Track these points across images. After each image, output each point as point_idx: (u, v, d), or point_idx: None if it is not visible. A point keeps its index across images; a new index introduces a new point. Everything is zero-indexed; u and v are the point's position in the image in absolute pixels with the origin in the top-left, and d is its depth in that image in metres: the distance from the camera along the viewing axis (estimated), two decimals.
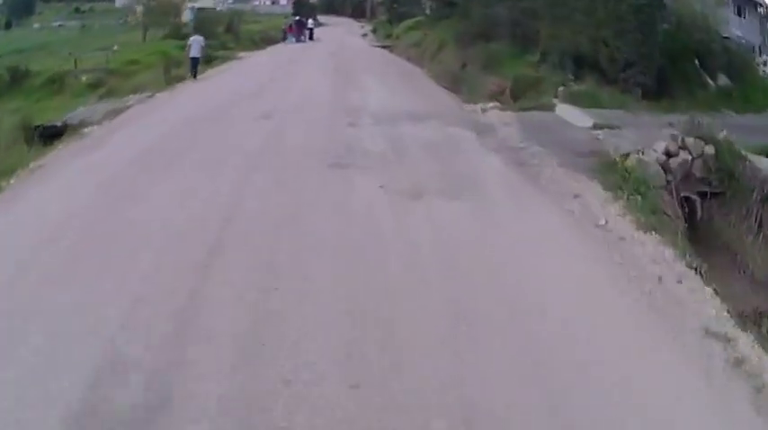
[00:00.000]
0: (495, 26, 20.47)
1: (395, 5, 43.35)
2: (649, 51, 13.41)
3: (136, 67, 19.50)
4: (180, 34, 28.26)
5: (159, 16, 30.93)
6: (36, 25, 68.70)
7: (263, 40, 34.49)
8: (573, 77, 14.90)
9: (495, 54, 18.77)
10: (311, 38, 38.19)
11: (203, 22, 28.93)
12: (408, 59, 26.53)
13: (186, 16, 28.00)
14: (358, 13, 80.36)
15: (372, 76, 18.81)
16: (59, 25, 67.21)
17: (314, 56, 25.22)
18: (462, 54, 20.84)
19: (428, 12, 40.83)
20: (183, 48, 21.71)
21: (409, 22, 35.11)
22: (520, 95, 15.42)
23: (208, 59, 23.33)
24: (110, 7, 72.14)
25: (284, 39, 36.07)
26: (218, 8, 50.25)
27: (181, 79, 18.70)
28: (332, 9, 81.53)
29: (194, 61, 19.40)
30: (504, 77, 16.84)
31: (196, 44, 19.48)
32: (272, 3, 78.32)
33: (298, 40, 36.18)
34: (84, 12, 76.33)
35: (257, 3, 78.04)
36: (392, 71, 21.06)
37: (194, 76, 19.26)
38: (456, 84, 18.97)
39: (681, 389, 4.34)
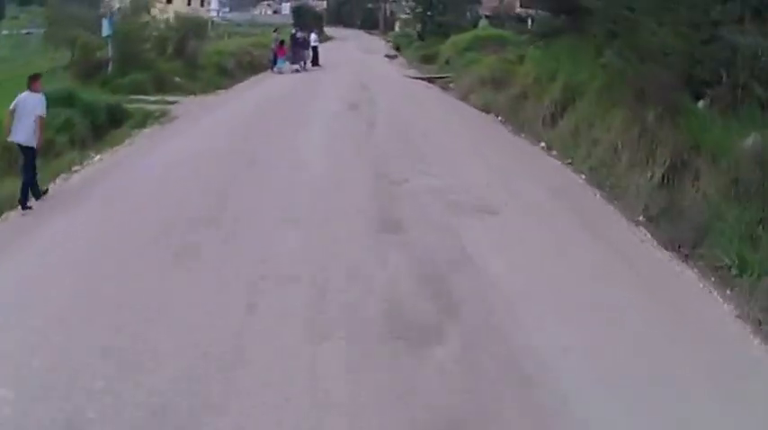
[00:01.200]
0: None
1: (429, 13, 31.66)
2: None
3: None
4: (88, 61, 16.46)
5: (68, 29, 18.96)
6: (5, 31, 60.16)
7: (243, 68, 22.75)
8: None
9: None
10: (315, 62, 26.43)
11: (130, 40, 16.93)
12: (484, 111, 14.79)
13: (104, 30, 16.12)
14: (369, 24, 69.74)
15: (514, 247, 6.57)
16: (27, 33, 58.38)
17: (316, 117, 12.89)
18: (656, 130, 9.12)
19: (483, 20, 29.40)
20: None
21: (462, 39, 23.40)
22: None
23: (108, 122, 11.66)
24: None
25: (274, 63, 24.31)
26: (214, 18, 38.63)
27: None
28: (339, 19, 70.54)
29: (26, 156, 7.71)
30: None
31: (24, 117, 7.71)
32: (274, 12, 69.76)
33: (294, 66, 24.43)
34: None
35: (257, 12, 69.36)
36: (533, 196, 8.16)
37: None
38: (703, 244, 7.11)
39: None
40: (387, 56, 30.67)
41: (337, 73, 22.97)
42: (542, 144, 11.31)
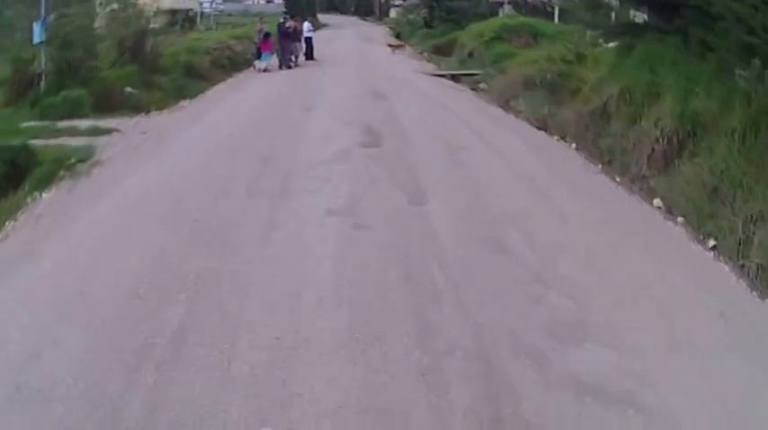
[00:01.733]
0: None
1: None
2: None
3: None
4: (22, 77, 12.49)
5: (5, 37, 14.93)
6: None
7: (221, 66, 18.77)
8: None
9: None
10: (309, 55, 22.41)
11: (71, 46, 12.87)
12: (540, 129, 11.00)
13: (35, 36, 12.20)
14: (363, 11, 65.84)
15: None
16: None
17: (313, 178, 7.70)
18: None
19: (506, 5, 25.60)
20: None
21: (487, 27, 19.43)
22: None
23: (9, 176, 7.84)
24: None
25: (258, 58, 20.23)
26: (206, 9, 34.45)
27: None
28: (332, 6, 66.35)
29: None
30: None
31: None
32: (268, 1, 66.10)
33: (282, 64, 20.40)
34: None
35: (250, 2, 65.62)
36: None
37: None
38: None
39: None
40: (389, 45, 26.60)
41: (338, 71, 18.93)
42: (657, 202, 7.42)
